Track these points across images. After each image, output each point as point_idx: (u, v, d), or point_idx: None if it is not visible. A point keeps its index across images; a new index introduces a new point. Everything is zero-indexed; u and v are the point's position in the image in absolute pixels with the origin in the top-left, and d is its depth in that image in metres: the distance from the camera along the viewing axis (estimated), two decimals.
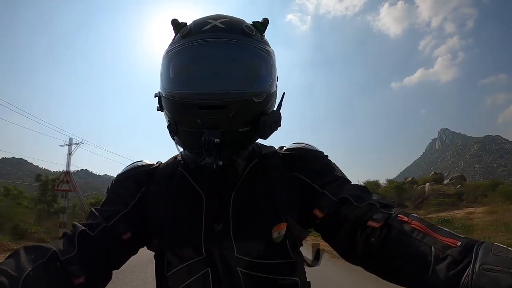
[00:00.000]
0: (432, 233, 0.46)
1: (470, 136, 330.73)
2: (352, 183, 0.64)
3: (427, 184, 24.66)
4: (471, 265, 0.38)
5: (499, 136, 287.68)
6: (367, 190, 0.61)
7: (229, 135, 0.57)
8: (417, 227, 0.48)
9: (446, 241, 0.44)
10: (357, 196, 0.58)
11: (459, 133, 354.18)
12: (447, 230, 0.46)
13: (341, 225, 0.56)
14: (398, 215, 0.51)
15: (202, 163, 0.56)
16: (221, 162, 0.56)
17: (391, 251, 0.48)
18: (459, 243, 0.42)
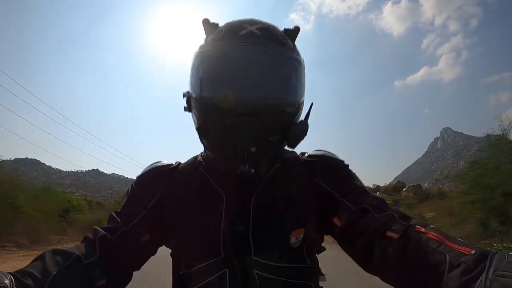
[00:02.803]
0: (447, 242, 0.46)
1: (471, 136, 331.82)
2: (370, 194, 0.64)
3: (378, 192, 31.14)
4: (485, 272, 0.38)
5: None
6: (385, 202, 0.61)
7: (261, 143, 0.58)
8: (433, 237, 0.48)
9: (460, 249, 0.44)
10: (376, 207, 0.58)
11: (461, 132, 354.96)
12: (462, 240, 0.47)
13: (360, 235, 0.57)
14: (416, 226, 0.51)
15: (239, 171, 0.56)
16: (253, 170, 0.57)
17: (408, 261, 0.48)
18: (473, 251, 0.42)
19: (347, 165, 0.71)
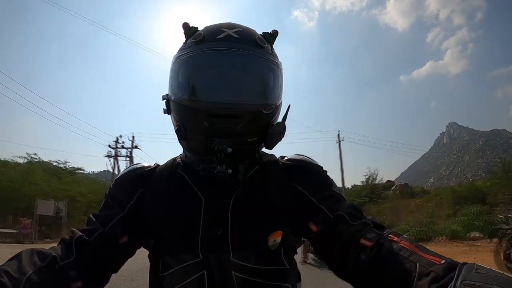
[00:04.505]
0: (418, 252, 0.47)
1: (477, 130, 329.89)
2: (347, 202, 0.65)
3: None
4: (453, 281, 0.39)
5: (505, 130, 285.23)
6: (360, 210, 0.62)
7: (238, 144, 0.59)
8: (405, 246, 0.49)
9: (430, 258, 0.45)
10: (352, 215, 0.59)
11: (467, 127, 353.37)
12: (433, 251, 0.48)
13: (335, 242, 0.57)
14: (389, 235, 0.53)
15: (215, 171, 0.57)
16: (230, 171, 0.59)
17: (379, 268, 0.49)
18: (443, 261, 0.44)
19: (325, 171, 0.72)
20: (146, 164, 0.74)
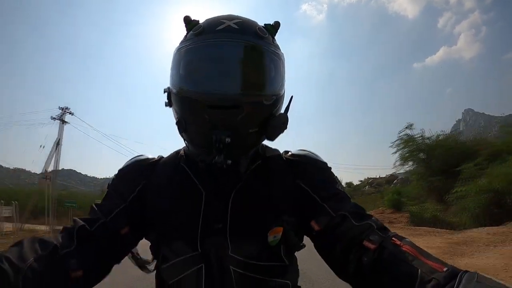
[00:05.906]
0: (421, 257, 0.47)
1: (493, 116, 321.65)
2: (351, 200, 0.63)
3: (367, 186, 34.74)
4: None
5: None
6: (364, 210, 0.61)
7: (239, 136, 0.58)
8: (407, 251, 0.49)
9: (433, 265, 0.45)
10: (355, 214, 0.58)
11: (483, 113, 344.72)
12: (436, 257, 0.47)
13: (337, 242, 0.56)
14: (392, 238, 0.52)
15: (213, 161, 0.57)
16: (230, 161, 0.58)
17: (381, 272, 0.49)
18: (445, 269, 0.43)
19: (330, 168, 0.70)
20: (150, 156, 0.74)
